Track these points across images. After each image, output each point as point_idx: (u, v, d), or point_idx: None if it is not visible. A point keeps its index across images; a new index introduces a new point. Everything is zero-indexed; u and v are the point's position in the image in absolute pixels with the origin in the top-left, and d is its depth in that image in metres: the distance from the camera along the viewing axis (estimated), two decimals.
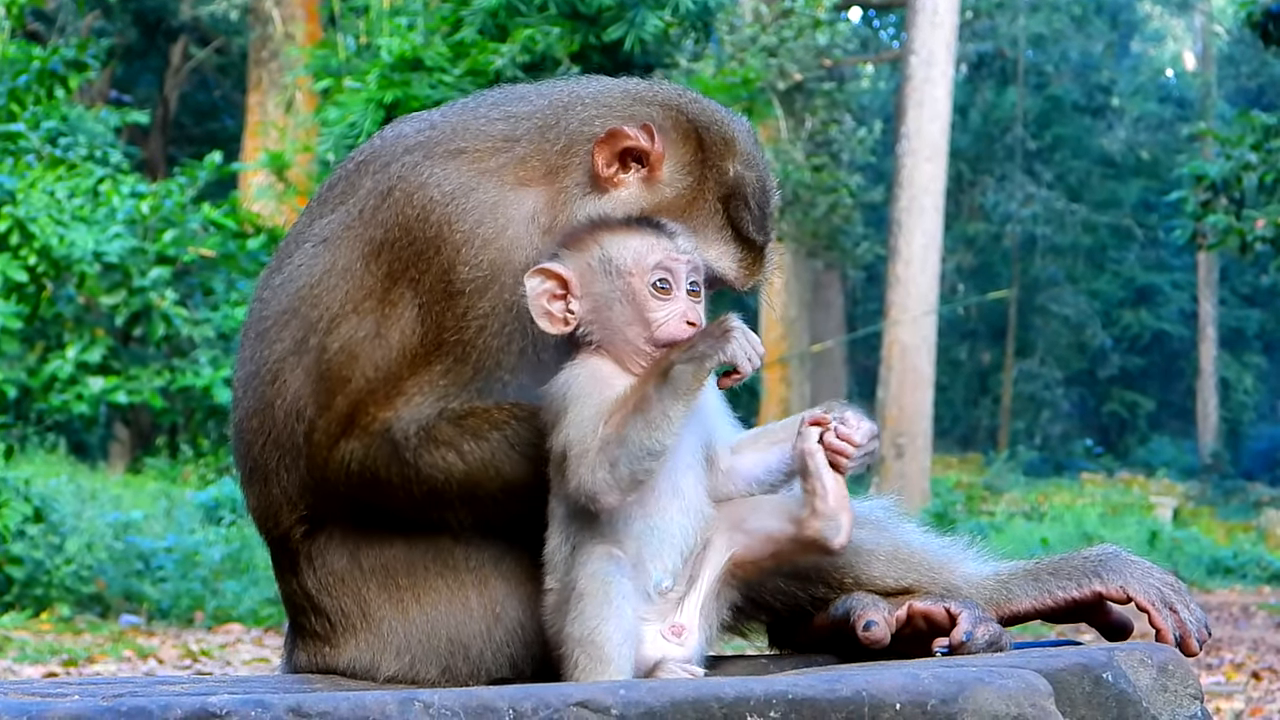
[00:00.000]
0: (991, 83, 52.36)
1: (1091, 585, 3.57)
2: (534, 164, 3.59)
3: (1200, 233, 24.17)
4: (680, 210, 3.57)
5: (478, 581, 3.53)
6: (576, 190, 3.57)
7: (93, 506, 17.16)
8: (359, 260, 3.55)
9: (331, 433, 3.52)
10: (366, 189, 3.61)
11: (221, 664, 12.08)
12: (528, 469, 3.40)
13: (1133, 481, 38.88)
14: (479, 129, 3.65)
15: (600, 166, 3.56)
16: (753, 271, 3.66)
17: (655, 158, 3.56)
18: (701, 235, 3.56)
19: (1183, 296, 53.28)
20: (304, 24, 28.81)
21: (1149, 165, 53.09)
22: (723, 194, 3.60)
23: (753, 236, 3.63)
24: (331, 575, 3.60)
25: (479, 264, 3.46)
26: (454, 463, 3.43)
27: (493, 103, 3.75)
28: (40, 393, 22.28)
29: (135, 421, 28.93)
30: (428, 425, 3.44)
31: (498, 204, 3.52)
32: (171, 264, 22.03)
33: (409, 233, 3.50)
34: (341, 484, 3.53)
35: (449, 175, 3.53)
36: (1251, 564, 27.60)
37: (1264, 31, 22.60)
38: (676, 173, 3.59)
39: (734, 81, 25.12)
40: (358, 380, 3.50)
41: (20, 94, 18.19)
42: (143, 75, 42.54)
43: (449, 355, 3.47)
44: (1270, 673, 12.70)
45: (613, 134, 3.55)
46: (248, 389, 3.68)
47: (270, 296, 3.69)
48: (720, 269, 3.60)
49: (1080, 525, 30.86)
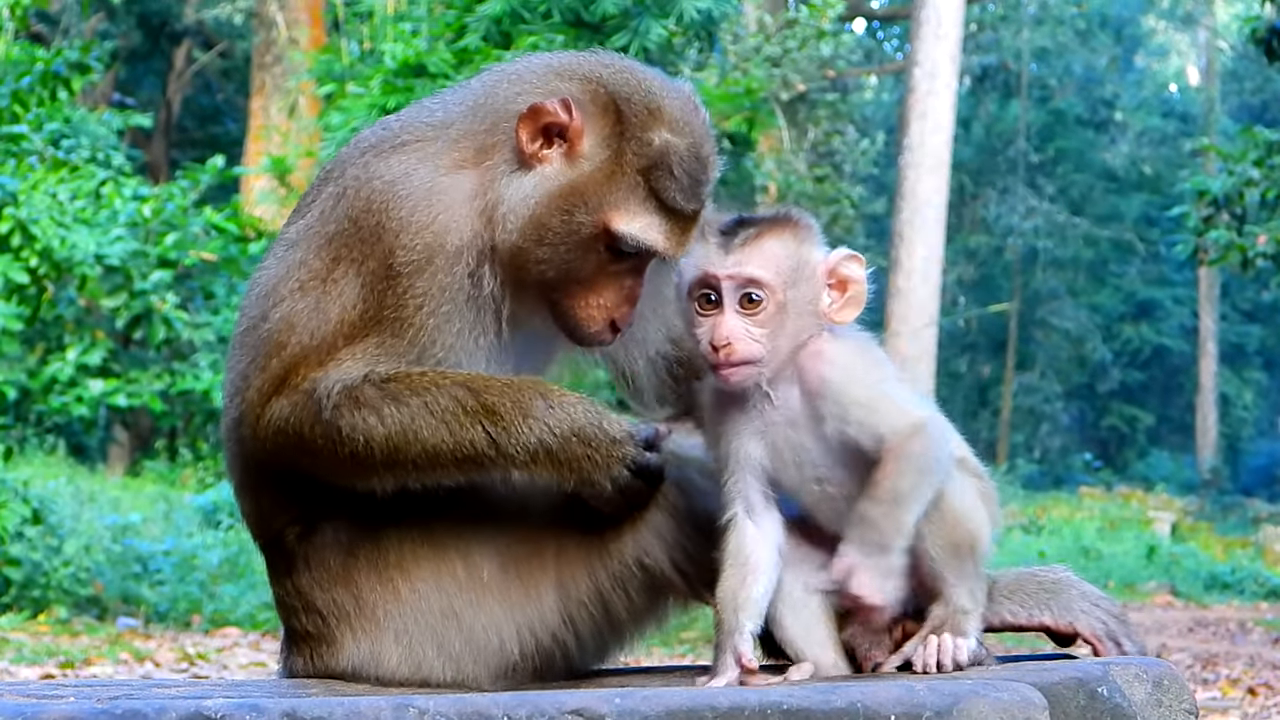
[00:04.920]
0: (995, 96, 52.37)
1: (1040, 618, 3.60)
2: (466, 146, 3.65)
3: (1202, 248, 24.15)
4: (601, 184, 3.58)
5: (461, 550, 3.55)
6: (505, 168, 3.61)
7: (91, 509, 17.17)
8: (312, 253, 3.63)
9: (265, 392, 3.56)
10: (326, 193, 3.70)
11: (218, 667, 12.08)
12: (448, 437, 3.42)
13: (1131, 496, 38.85)
14: (420, 121, 3.73)
15: (524, 143, 3.59)
16: (684, 240, 3.63)
17: (574, 132, 3.58)
18: (625, 208, 3.57)
19: (1183, 311, 53.26)
20: (308, 29, 28.82)
21: (1151, 180, 53.08)
22: (644, 165, 3.58)
23: (679, 206, 3.60)
24: (326, 571, 3.62)
25: (415, 247, 3.52)
26: (374, 425, 3.44)
27: (439, 95, 3.85)
28: (40, 394, 22.29)
29: (134, 424, 28.94)
30: (351, 386, 3.46)
31: (432, 189, 3.57)
32: (173, 267, 22.02)
33: (355, 223, 3.57)
34: (270, 444, 3.55)
35: (390, 167, 3.60)
36: (1249, 579, 27.59)
37: (1268, 47, 22.59)
38: (596, 146, 3.60)
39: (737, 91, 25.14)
40: (293, 346, 3.56)
41: (23, 96, 18.17)
42: (146, 78, 42.55)
43: (386, 330, 3.52)
44: (1266, 688, 12.68)
45: (533, 110, 3.58)
46: (232, 399, 3.72)
47: (245, 305, 3.79)
48: (648, 241, 3.59)
49: (1078, 539, 30.84)
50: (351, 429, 3.45)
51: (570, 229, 3.58)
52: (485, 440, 3.43)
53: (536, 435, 3.43)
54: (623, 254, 3.61)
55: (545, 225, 3.58)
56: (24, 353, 22.50)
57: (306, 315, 3.57)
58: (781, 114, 30.83)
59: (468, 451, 3.45)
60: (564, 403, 3.46)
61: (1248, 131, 24.71)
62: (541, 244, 3.58)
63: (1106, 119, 54.18)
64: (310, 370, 3.52)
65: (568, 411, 3.45)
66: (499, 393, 3.46)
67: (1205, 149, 32.30)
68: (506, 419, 3.43)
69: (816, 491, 3.33)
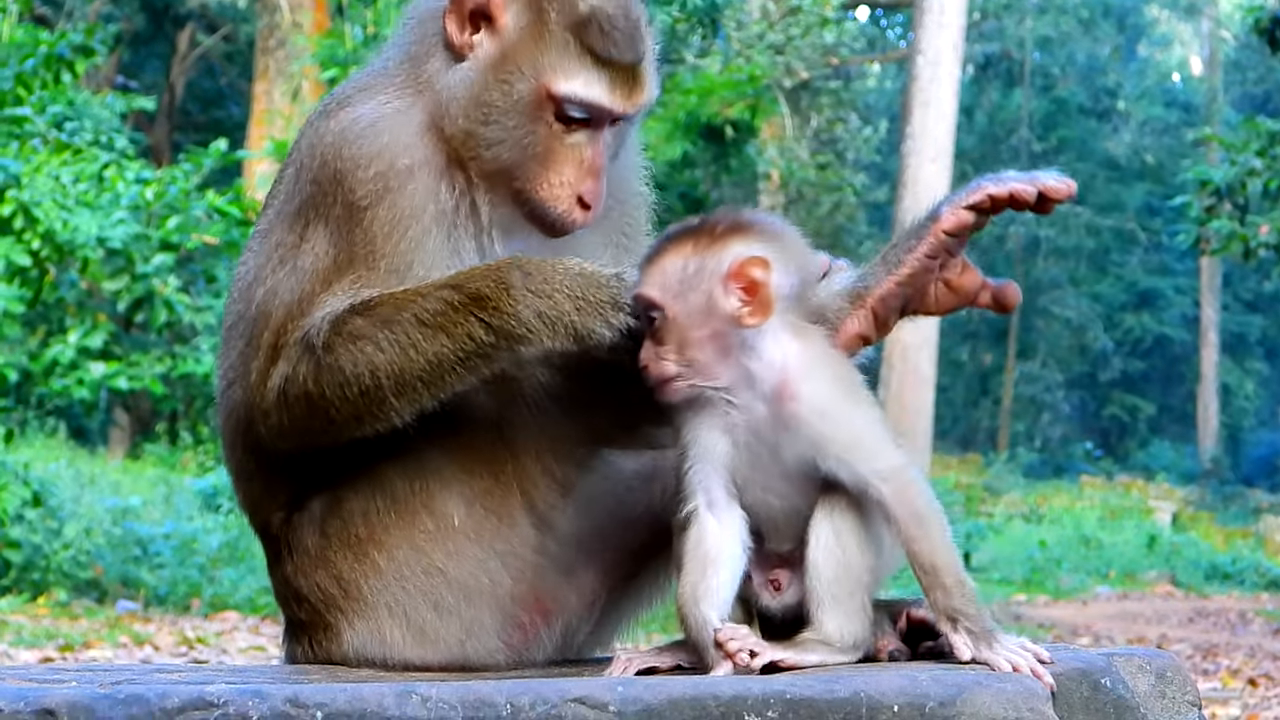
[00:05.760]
0: (997, 84, 52.40)
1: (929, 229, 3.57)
2: (402, 69, 3.66)
3: (1204, 238, 24.18)
4: (531, 47, 3.56)
5: (425, 502, 3.52)
6: (441, 68, 3.61)
7: (91, 492, 17.19)
8: (284, 230, 3.63)
9: (263, 368, 3.54)
10: (287, 175, 3.71)
11: (218, 651, 12.10)
12: (447, 340, 3.39)
13: (1132, 485, 38.91)
14: (360, 75, 3.76)
15: (454, 35, 3.60)
16: (629, 94, 3.60)
17: (494, 6, 3.58)
18: (562, 68, 3.55)
19: (1185, 301, 53.31)
20: (311, 13, 28.81)
21: (1153, 169, 53.12)
22: (570, 22, 3.56)
23: (614, 57, 3.57)
24: (307, 557, 3.60)
25: (370, 179, 3.51)
26: (373, 354, 3.41)
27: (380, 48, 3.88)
28: (41, 377, 22.26)
29: (135, 407, 28.96)
30: (338, 319, 3.43)
31: (376, 120, 3.57)
32: (175, 250, 21.99)
33: (315, 183, 3.57)
34: (287, 419, 3.51)
35: (338, 120, 3.60)
36: (1250, 570, 27.64)
37: (1271, 37, 22.60)
38: (519, 14, 3.58)
39: (740, 78, 25.15)
40: (278, 312, 3.54)
41: (27, 78, 18.17)
42: (149, 61, 42.54)
43: (360, 265, 3.50)
44: (1267, 679, 12.70)
45: (453, 1, 3.59)
46: (232, 386, 3.71)
47: (229, 301, 3.79)
48: (592, 97, 3.56)
49: (1079, 528, 30.89)
50: (354, 364, 3.41)
51: (512, 100, 3.56)
52: (482, 328, 3.39)
53: (524, 305, 3.37)
54: (572, 120, 3.58)
55: (486, 102, 3.56)
56: (25, 335, 22.48)
57: (286, 280, 3.56)
58: (784, 101, 30.82)
59: (469, 346, 3.40)
60: (542, 267, 3.41)
61: (1250, 122, 24.74)
62: (488, 123, 3.56)
63: (1109, 108, 54.20)
64: (296, 324, 3.50)
65: (546, 274, 3.39)
66: (480, 279, 3.41)
67: (1208, 139, 32.33)
68: (494, 299, 3.38)
69: (759, 498, 3.27)
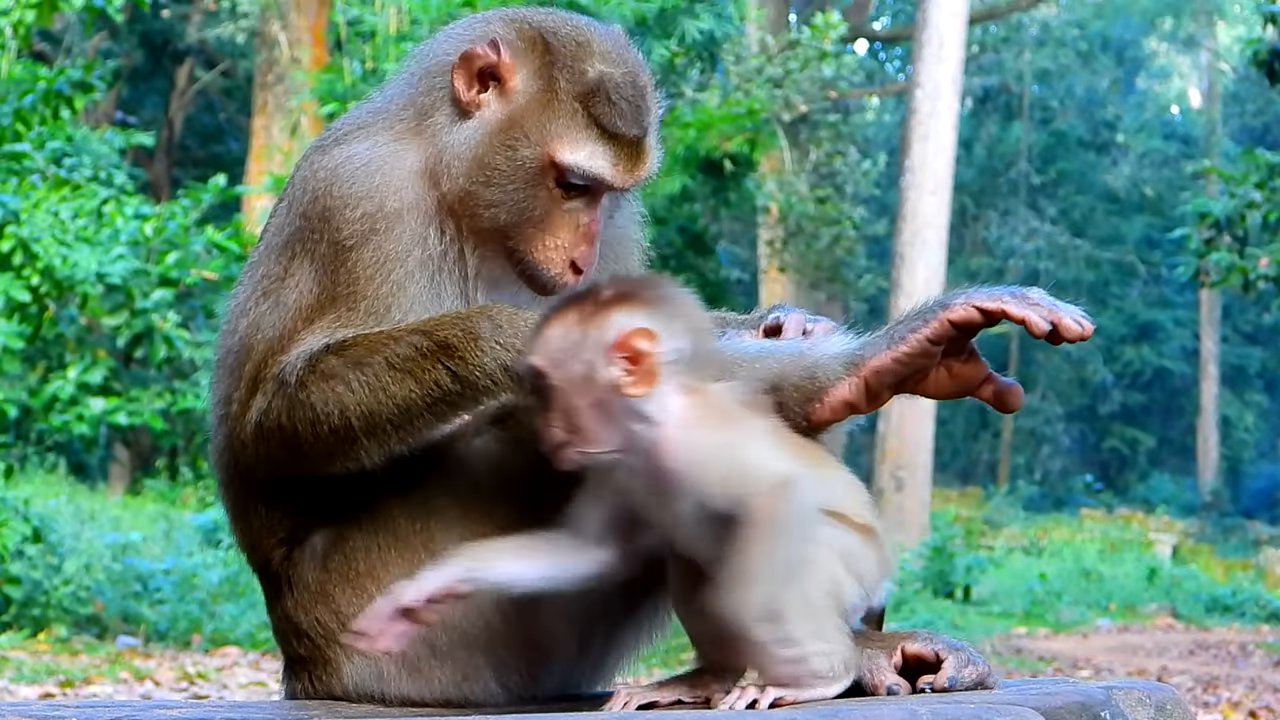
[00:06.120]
0: (996, 117, 52.48)
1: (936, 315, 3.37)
2: (408, 115, 3.66)
3: (1203, 270, 24.19)
4: (539, 114, 3.58)
5: (425, 541, 3.51)
6: (445, 122, 3.62)
7: (91, 527, 17.16)
8: (271, 263, 3.64)
9: (243, 400, 3.56)
10: (280, 208, 3.72)
11: (218, 687, 12.07)
12: (415, 386, 3.39)
13: (1132, 518, 38.85)
14: (361, 111, 3.76)
15: (461, 92, 3.60)
16: (631, 168, 3.62)
17: (505, 68, 3.58)
18: (568, 137, 3.57)
19: (1185, 333, 53.32)
20: (310, 48, 28.87)
21: (1153, 202, 53.17)
22: (580, 92, 3.58)
23: (621, 131, 3.59)
24: (307, 592, 3.59)
25: (357, 219, 3.52)
26: (344, 394, 3.41)
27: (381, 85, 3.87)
28: (41, 413, 22.27)
29: (135, 443, 28.95)
30: (313, 357, 3.44)
31: (370, 161, 3.58)
32: (174, 286, 22.02)
33: (305, 218, 3.58)
34: (261, 449, 3.52)
35: (333, 157, 3.61)
36: (1250, 602, 27.58)
37: (1270, 70, 22.63)
38: (528, 79, 3.60)
39: (739, 112, 25.17)
40: (259, 346, 3.56)
41: (26, 114, 18.19)
42: (148, 97, 42.61)
43: (341, 305, 3.51)
44: (1268, 711, 12.67)
45: (464, 57, 3.59)
46: (221, 421, 3.72)
47: (220, 334, 3.79)
48: (595, 170, 3.58)
49: (1079, 561, 30.84)
50: (324, 403, 3.42)
51: (515, 164, 3.57)
52: (448, 376, 3.38)
53: (489, 356, 3.36)
54: (573, 188, 3.59)
55: (489, 165, 3.57)
56: (25, 371, 22.50)
57: (269, 314, 3.57)
58: (783, 135, 30.84)
59: (436, 393, 3.40)
60: (513, 319, 3.40)
61: (1249, 154, 24.76)
62: (489, 185, 3.57)
63: (1108, 141, 54.28)
64: (276, 359, 3.51)
65: (516, 327, 3.38)
66: (449, 326, 3.41)
67: (1207, 171, 32.35)
68: (460, 349, 3.37)
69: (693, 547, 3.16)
